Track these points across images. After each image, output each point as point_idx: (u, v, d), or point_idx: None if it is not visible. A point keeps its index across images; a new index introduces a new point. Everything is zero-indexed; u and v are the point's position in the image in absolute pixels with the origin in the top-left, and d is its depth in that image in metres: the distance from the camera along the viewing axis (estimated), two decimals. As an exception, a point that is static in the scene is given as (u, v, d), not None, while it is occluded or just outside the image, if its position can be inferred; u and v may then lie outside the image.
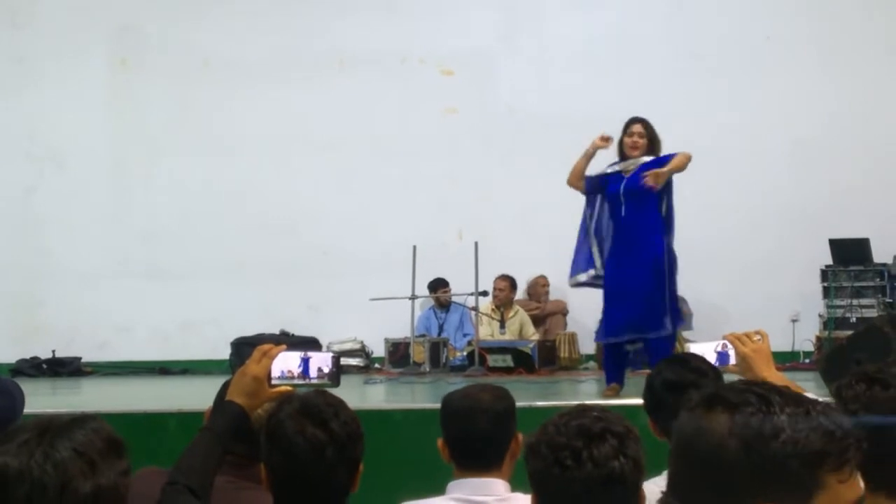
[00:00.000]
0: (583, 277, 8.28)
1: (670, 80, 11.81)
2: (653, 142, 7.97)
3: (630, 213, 7.82)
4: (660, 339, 7.76)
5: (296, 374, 3.02)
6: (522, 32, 12.30)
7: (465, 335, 11.47)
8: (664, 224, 7.89)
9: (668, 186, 7.89)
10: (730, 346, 3.56)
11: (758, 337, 3.54)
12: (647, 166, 7.84)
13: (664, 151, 7.99)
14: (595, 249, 8.14)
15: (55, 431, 1.94)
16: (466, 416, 3.34)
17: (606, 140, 8.01)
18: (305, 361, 3.04)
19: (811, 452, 1.59)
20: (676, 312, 7.96)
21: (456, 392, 3.48)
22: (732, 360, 3.55)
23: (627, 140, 7.99)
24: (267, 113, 12.33)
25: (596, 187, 8.11)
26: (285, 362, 3.02)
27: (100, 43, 12.56)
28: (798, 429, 1.59)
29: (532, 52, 12.20)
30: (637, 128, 7.98)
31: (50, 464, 1.91)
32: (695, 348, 3.66)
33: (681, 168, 7.81)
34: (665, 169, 7.72)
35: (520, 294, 11.81)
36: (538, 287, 11.85)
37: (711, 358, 3.56)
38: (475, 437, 3.31)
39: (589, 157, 8.05)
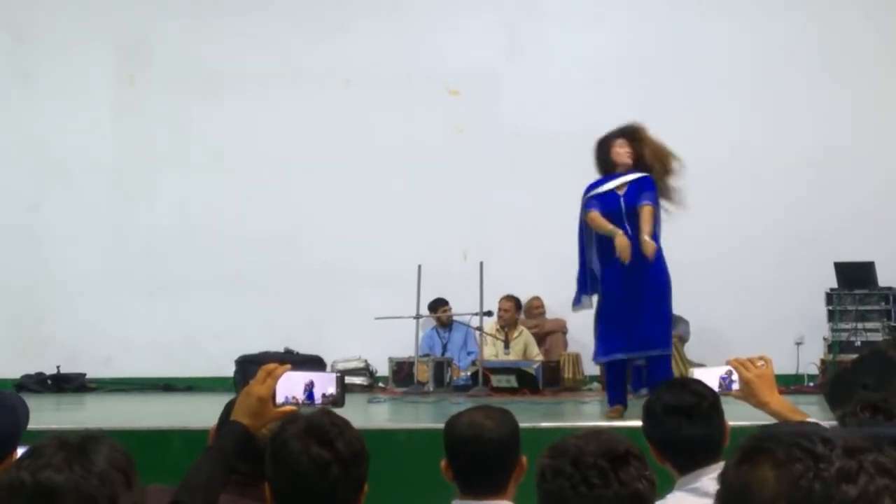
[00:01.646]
0: (587, 304, 8.26)
1: (674, 101, 11.81)
2: (641, 154, 7.96)
3: (634, 233, 7.78)
4: (663, 358, 7.76)
5: (301, 401, 3.02)
6: (527, 52, 12.33)
7: (469, 353, 11.47)
8: (658, 239, 7.89)
9: (659, 212, 7.91)
10: (733, 371, 3.57)
11: (761, 362, 3.55)
12: (633, 187, 7.85)
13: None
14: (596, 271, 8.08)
15: (81, 448, 1.95)
16: (471, 444, 3.33)
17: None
18: (310, 387, 3.04)
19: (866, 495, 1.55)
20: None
21: (460, 418, 3.45)
22: (736, 386, 3.55)
23: (617, 149, 7.97)
24: (272, 129, 12.36)
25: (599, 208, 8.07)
26: (290, 387, 3.02)
27: (105, 58, 12.59)
28: (848, 489, 1.52)
29: (537, 72, 12.21)
30: (619, 141, 7.98)
31: (95, 477, 1.92)
32: (698, 374, 3.66)
33: (652, 223, 7.79)
34: (652, 244, 7.67)
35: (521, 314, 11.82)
36: (532, 309, 11.86)
37: (715, 383, 3.56)
38: (480, 464, 3.31)
39: (607, 232, 7.89)
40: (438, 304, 11.65)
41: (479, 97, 12.31)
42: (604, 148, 8.04)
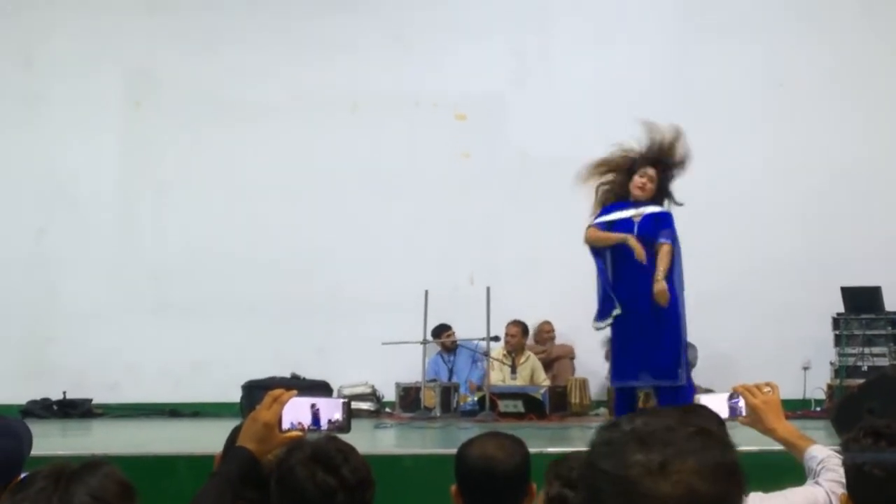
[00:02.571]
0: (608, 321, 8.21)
1: (681, 125, 11.81)
2: (661, 191, 7.94)
3: (651, 261, 7.78)
4: (674, 390, 7.70)
5: (307, 427, 3.01)
6: (534, 77, 12.35)
7: (474, 361, 11.48)
8: (678, 275, 7.88)
9: (677, 246, 7.89)
10: (740, 397, 3.56)
11: (768, 388, 3.54)
12: (649, 218, 7.83)
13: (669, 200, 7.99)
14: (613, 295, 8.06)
15: (69, 477, 1.96)
16: (483, 474, 3.32)
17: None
18: (316, 413, 3.04)
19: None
20: (687, 365, 7.94)
21: (471, 447, 3.41)
22: (743, 412, 3.55)
23: (637, 180, 7.94)
24: (279, 155, 12.38)
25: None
26: (296, 413, 3.00)
27: (113, 85, 12.62)
28: None
29: (544, 96, 12.23)
30: (651, 172, 7.95)
31: None
32: (705, 400, 3.65)
33: (668, 263, 7.78)
34: (662, 285, 7.66)
35: (529, 339, 11.80)
36: (542, 333, 11.85)
37: (723, 410, 3.55)
38: (491, 493, 3.30)
39: (616, 240, 7.93)
40: (442, 330, 11.64)
41: (486, 122, 12.33)
42: (628, 172, 7.99)
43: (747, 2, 12.21)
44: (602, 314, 8.16)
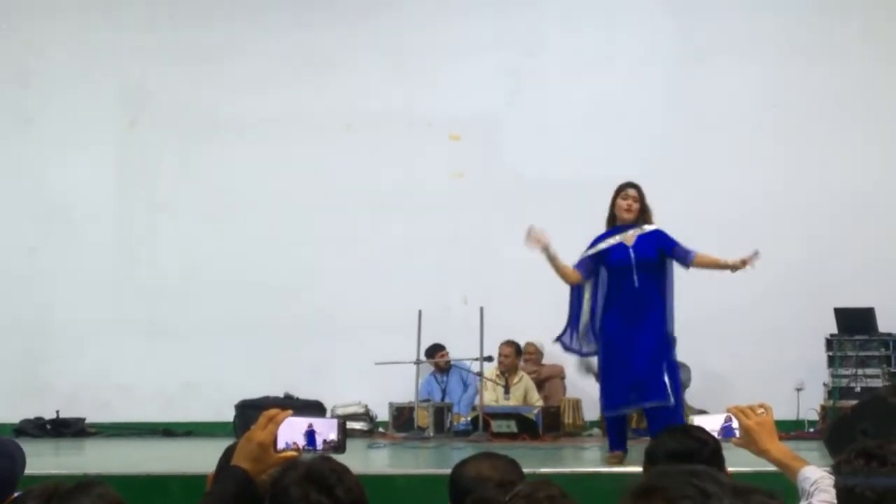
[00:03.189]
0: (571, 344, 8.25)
1: (675, 147, 11.86)
2: (644, 210, 7.99)
3: (642, 283, 7.81)
4: (662, 410, 7.68)
5: (301, 447, 3.01)
6: (529, 98, 12.35)
7: (466, 387, 11.48)
8: (668, 296, 7.93)
9: (670, 264, 7.95)
10: (734, 418, 3.57)
11: (761, 410, 3.56)
12: (642, 239, 7.86)
13: (659, 220, 8.02)
14: (587, 329, 8.09)
15: (62, 497, 1.95)
16: (477, 496, 3.31)
17: (537, 238, 7.96)
18: (310, 433, 3.04)
19: None
20: (678, 385, 7.94)
21: (466, 468, 3.40)
22: (737, 433, 3.56)
23: (622, 203, 7.98)
24: (273, 174, 12.39)
25: (591, 269, 8.05)
26: (290, 432, 3.01)
27: (107, 103, 12.64)
28: None
29: (539, 117, 12.23)
30: (632, 192, 7.99)
31: None
32: (699, 421, 3.66)
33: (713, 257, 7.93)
34: (735, 260, 7.82)
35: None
36: (526, 354, 11.81)
37: (716, 430, 3.56)
38: None
39: (555, 258, 7.99)
40: (435, 350, 11.64)
41: (480, 142, 12.34)
42: (615, 194, 8.05)
43: (743, 24, 12.23)
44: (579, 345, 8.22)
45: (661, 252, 7.91)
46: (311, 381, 11.75)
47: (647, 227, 7.93)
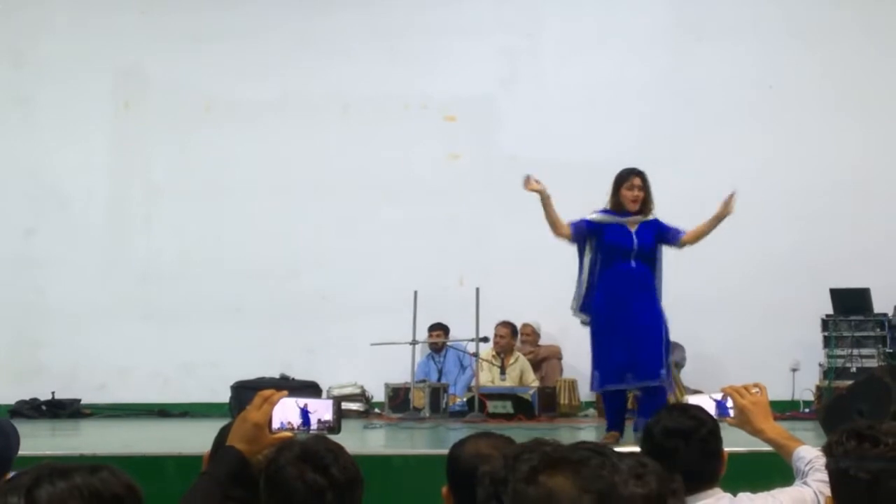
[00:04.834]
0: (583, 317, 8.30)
1: (671, 128, 11.86)
2: (647, 199, 8.04)
3: (638, 266, 7.91)
4: (657, 389, 7.78)
5: (296, 426, 3.02)
6: (525, 79, 12.35)
7: (463, 369, 11.49)
8: (659, 278, 8.03)
9: (661, 248, 8.03)
10: (728, 398, 3.57)
11: (756, 389, 3.56)
12: (647, 225, 7.94)
13: (657, 205, 8.08)
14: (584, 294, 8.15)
15: (40, 479, 1.89)
16: (476, 475, 3.29)
17: (535, 183, 8.00)
18: (305, 413, 3.04)
19: (654, 495, 1.61)
20: (669, 365, 8.03)
21: (464, 447, 3.39)
22: (732, 413, 3.56)
23: (628, 193, 8.00)
24: (268, 156, 12.38)
25: (583, 234, 8.09)
26: (285, 413, 3.01)
27: (102, 85, 12.61)
28: (636, 475, 1.61)
29: (534, 98, 12.24)
30: (638, 181, 8.01)
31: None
32: (694, 400, 3.67)
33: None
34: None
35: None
36: (522, 336, 11.82)
37: (711, 410, 3.57)
38: None
39: (549, 204, 8.02)
40: (433, 328, 11.63)
41: (475, 123, 12.34)
42: (620, 181, 8.07)
43: (739, 6, 12.22)
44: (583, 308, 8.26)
45: (657, 239, 8.00)
46: (307, 362, 11.78)
47: (650, 216, 8.01)
